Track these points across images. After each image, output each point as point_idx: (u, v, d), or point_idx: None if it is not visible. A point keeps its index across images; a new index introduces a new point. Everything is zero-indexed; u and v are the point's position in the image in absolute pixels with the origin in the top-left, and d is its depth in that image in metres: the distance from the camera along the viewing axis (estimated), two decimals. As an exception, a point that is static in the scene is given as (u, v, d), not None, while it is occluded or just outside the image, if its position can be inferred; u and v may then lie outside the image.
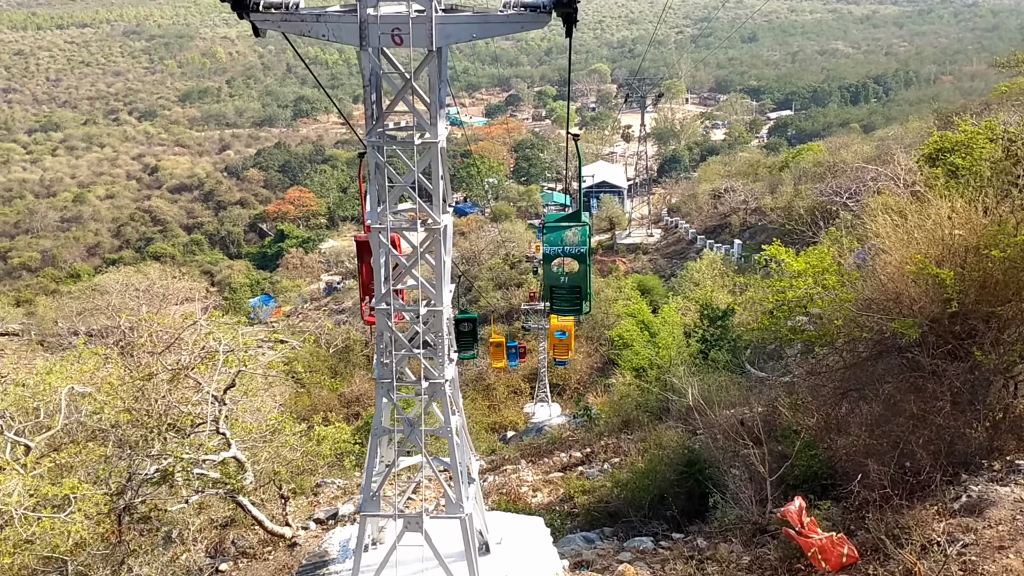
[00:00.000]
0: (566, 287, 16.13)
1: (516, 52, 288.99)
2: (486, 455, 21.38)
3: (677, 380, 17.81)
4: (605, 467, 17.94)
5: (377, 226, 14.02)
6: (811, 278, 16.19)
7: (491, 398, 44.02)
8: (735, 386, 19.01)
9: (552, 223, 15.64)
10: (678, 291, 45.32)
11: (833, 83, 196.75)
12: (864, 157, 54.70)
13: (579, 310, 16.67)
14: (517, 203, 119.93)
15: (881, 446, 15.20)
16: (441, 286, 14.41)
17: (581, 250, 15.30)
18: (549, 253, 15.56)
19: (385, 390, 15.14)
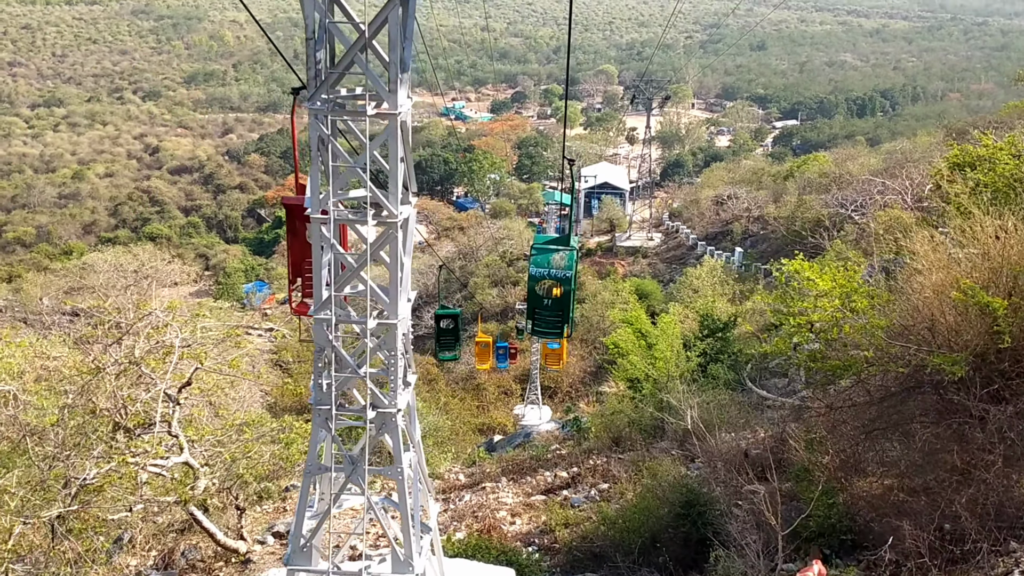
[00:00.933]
0: (549, 310, 15.45)
1: (524, 49, 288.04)
2: (466, 466, 20.25)
3: (675, 400, 16.38)
4: (592, 493, 16.38)
5: (318, 216, 11.85)
6: (838, 299, 14.06)
7: (481, 398, 43.14)
8: (736, 406, 18.00)
9: (540, 245, 15.12)
10: (677, 297, 44.55)
11: (840, 95, 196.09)
12: (871, 170, 54.00)
13: (559, 333, 15.97)
14: (518, 200, 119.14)
15: (917, 502, 13.26)
16: (397, 294, 12.23)
17: (567, 274, 14.82)
18: (535, 275, 15.02)
19: (323, 419, 12.54)
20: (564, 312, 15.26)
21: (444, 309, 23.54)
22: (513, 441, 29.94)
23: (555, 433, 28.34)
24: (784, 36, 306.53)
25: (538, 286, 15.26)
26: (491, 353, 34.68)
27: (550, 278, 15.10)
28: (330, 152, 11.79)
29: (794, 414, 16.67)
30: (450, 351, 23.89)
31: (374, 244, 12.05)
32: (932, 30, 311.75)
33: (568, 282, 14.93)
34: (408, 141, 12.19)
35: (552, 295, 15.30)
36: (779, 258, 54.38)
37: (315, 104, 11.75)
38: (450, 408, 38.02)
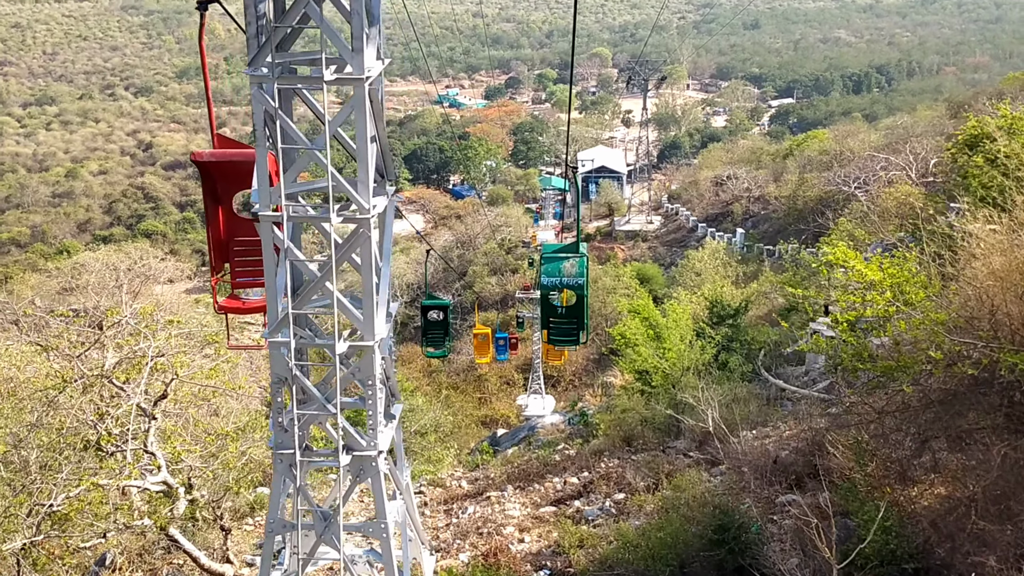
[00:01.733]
0: (563, 318, 15.06)
1: (517, 34, 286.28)
2: (469, 469, 19.28)
3: (692, 398, 15.06)
4: (607, 504, 15.14)
5: (267, 213, 9.59)
6: (889, 291, 12.20)
7: (483, 389, 42.35)
8: (755, 400, 17.08)
9: (550, 254, 14.63)
10: (679, 281, 43.76)
11: (835, 72, 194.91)
12: (873, 146, 53.23)
13: (575, 341, 15.50)
14: (515, 187, 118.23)
15: (1002, 532, 11.21)
16: (372, 308, 9.89)
17: (579, 281, 14.36)
18: (547, 284, 14.53)
19: (286, 466, 10.19)
20: (579, 319, 14.92)
21: (432, 299, 21.95)
22: (517, 435, 29.16)
23: (560, 427, 27.55)
24: (778, 14, 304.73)
25: (551, 295, 14.87)
26: (490, 345, 32.89)
27: (563, 287, 14.60)
28: (279, 130, 9.36)
29: (820, 408, 15.32)
30: (439, 347, 22.26)
31: (342, 247, 9.93)
32: (926, 4, 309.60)
33: (581, 289, 14.52)
34: (381, 115, 10.05)
35: (565, 304, 14.89)
36: (782, 238, 53.80)
37: (257, 69, 9.19)
38: (452, 401, 37.32)
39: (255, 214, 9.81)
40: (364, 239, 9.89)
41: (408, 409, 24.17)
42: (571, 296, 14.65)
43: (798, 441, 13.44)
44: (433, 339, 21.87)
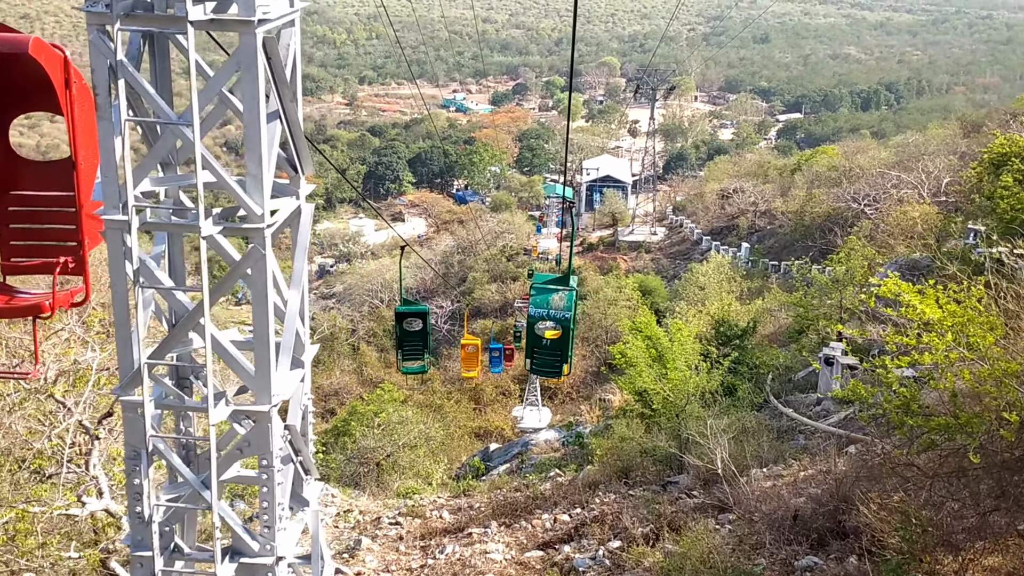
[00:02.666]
0: (547, 349, 14.98)
1: (526, 41, 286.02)
2: (453, 495, 17.99)
3: (699, 435, 13.73)
4: (600, 554, 13.66)
5: (115, 217, 6.64)
6: (950, 334, 10.00)
7: (478, 399, 41.21)
8: (766, 433, 15.86)
9: (540, 284, 14.52)
10: (683, 295, 42.79)
11: (844, 88, 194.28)
12: (883, 163, 52.34)
13: (558, 373, 15.40)
14: (518, 193, 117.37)
15: None
16: (269, 358, 6.99)
17: (566, 315, 14.18)
18: (534, 315, 14.40)
19: (146, 572, 7.12)
20: (563, 352, 14.75)
21: (407, 305, 19.41)
22: (510, 451, 28.11)
23: (555, 444, 26.50)
24: (788, 29, 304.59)
25: (537, 327, 14.70)
26: (479, 358, 30.22)
27: (549, 319, 14.39)
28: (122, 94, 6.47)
29: (837, 446, 14.20)
30: (416, 361, 19.86)
31: (230, 273, 7.08)
32: (937, 23, 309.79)
33: (567, 323, 14.31)
34: (283, 78, 7.05)
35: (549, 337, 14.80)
36: (789, 254, 52.94)
37: (95, 5, 6.40)
38: (445, 411, 36.30)
39: None
40: (256, 259, 6.86)
41: (398, 421, 23.32)
42: (556, 330, 14.50)
43: (817, 487, 12.12)
44: (410, 352, 19.48)
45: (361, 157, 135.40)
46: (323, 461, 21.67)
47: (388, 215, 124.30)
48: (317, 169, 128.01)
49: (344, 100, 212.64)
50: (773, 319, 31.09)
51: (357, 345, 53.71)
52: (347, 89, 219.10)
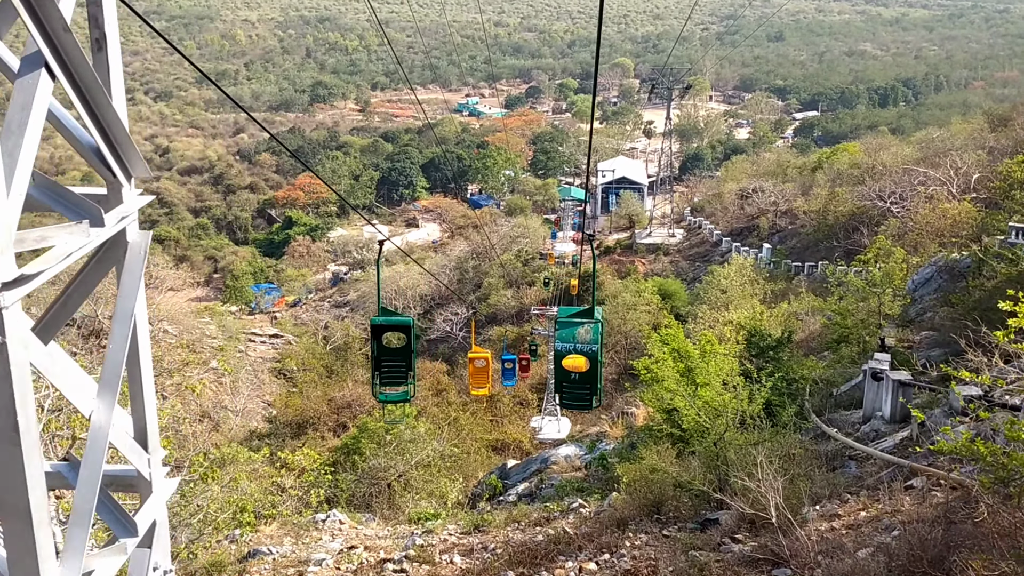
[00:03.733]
0: (576, 383, 14.49)
1: (539, 44, 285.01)
2: (464, 533, 16.35)
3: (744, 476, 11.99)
4: None
5: None
6: None
7: (494, 411, 39.78)
8: (812, 461, 14.24)
9: (565, 319, 14.30)
10: (704, 298, 41.42)
11: (861, 85, 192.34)
12: (907, 159, 50.87)
13: (588, 406, 14.85)
14: (533, 197, 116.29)
15: None
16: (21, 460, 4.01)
17: (593, 348, 14.00)
18: (560, 350, 14.15)
19: None
20: (592, 385, 14.33)
21: (386, 316, 15.66)
22: (529, 467, 26.75)
23: (575, 462, 25.14)
24: (802, 26, 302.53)
25: (564, 361, 14.15)
26: (489, 374, 27.12)
27: (576, 352, 14.02)
28: None
29: (900, 479, 12.59)
30: (398, 385, 16.07)
31: None
32: (953, 18, 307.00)
33: (595, 356, 14.03)
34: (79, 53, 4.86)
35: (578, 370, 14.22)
36: (812, 254, 51.59)
37: None
38: (461, 424, 35.01)
39: None
40: None
41: (409, 440, 22.08)
42: (585, 362, 14.05)
43: (885, 534, 10.46)
44: (390, 375, 15.70)
45: (374, 163, 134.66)
46: (331, 482, 20.50)
47: (402, 221, 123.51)
48: (330, 176, 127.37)
49: (357, 106, 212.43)
50: (801, 324, 29.74)
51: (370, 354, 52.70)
52: (359, 95, 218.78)
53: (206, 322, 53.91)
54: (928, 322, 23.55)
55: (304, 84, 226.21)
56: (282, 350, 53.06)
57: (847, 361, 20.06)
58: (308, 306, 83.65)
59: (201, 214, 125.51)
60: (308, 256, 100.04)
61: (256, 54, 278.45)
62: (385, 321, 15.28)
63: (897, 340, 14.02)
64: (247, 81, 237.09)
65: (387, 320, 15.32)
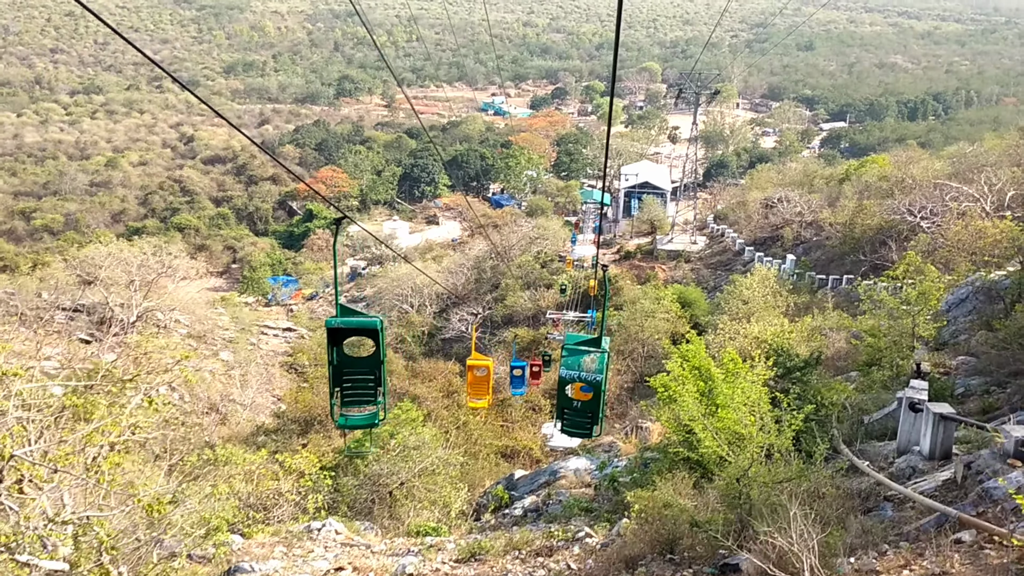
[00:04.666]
0: (578, 411, 14.57)
1: (567, 45, 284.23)
2: (460, 561, 15.36)
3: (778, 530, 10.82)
4: None
5: None
6: None
7: (505, 416, 38.91)
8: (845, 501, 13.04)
9: (572, 346, 14.05)
10: (724, 308, 40.43)
11: (890, 97, 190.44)
12: (938, 174, 49.66)
13: (588, 434, 14.81)
14: (555, 198, 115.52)
15: None
16: None
17: (597, 378, 13.85)
18: (565, 377, 13.99)
19: None
20: (594, 414, 14.35)
21: (347, 316, 12.25)
22: (537, 479, 25.83)
23: (585, 478, 24.17)
24: (833, 36, 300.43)
25: (568, 388, 14.11)
26: (489, 384, 24.20)
27: (580, 381, 13.80)
28: None
29: (946, 531, 11.30)
30: (364, 406, 12.77)
31: None
32: (985, 33, 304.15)
33: (598, 386, 13.93)
34: None
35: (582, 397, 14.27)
36: (837, 268, 50.48)
37: None
38: (470, 429, 34.14)
39: None
40: None
41: (413, 446, 21.23)
42: (587, 392, 14.07)
43: None
44: (353, 393, 12.44)
45: (397, 159, 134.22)
46: (332, 487, 19.73)
47: (423, 218, 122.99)
48: (352, 170, 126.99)
49: (383, 102, 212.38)
50: (825, 340, 28.72)
51: (385, 350, 51.90)
52: (386, 91, 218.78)
53: (219, 313, 53.43)
54: (964, 346, 22.51)
55: (331, 78, 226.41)
56: (295, 344, 52.43)
57: (879, 386, 18.91)
58: (325, 300, 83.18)
59: (222, 204, 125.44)
60: (327, 250, 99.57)
61: (284, 46, 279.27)
62: (345, 323, 12.01)
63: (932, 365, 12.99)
64: (274, 73, 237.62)
65: (347, 322, 12.02)
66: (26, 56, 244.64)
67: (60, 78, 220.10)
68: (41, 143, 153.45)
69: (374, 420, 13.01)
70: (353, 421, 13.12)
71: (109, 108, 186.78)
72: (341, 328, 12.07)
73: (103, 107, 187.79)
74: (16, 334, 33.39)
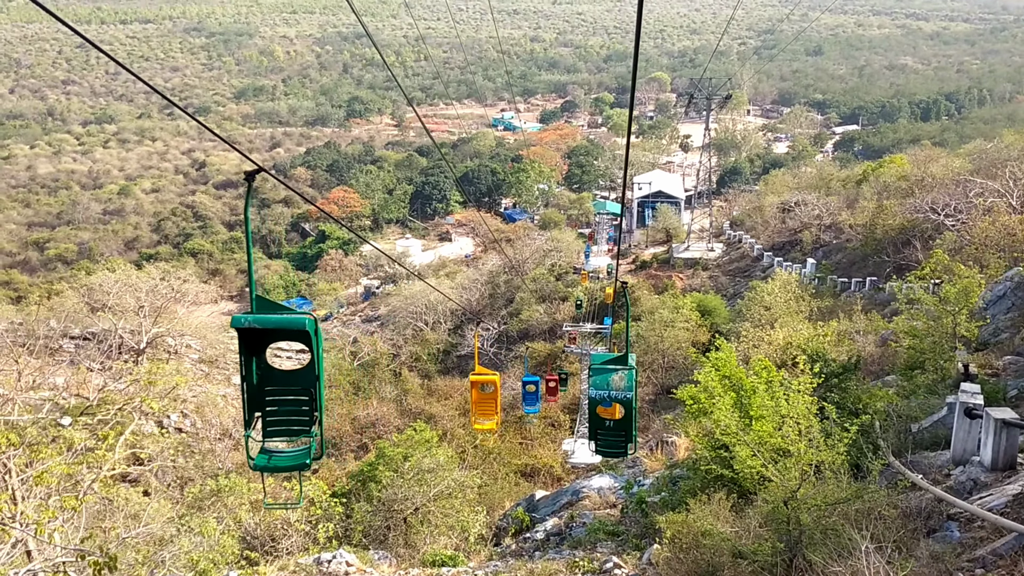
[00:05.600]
0: (611, 431, 14.14)
1: (574, 59, 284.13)
2: (483, 562, 14.34)
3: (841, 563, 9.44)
4: None
5: None
6: None
7: (524, 433, 37.74)
8: (905, 522, 11.65)
9: (598, 365, 13.85)
10: (746, 315, 39.31)
11: (902, 98, 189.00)
12: (959, 171, 48.45)
13: (623, 453, 14.41)
14: (568, 211, 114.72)
15: None
16: None
17: (628, 395, 13.58)
18: (595, 397, 13.73)
19: None
20: (627, 432, 13.98)
21: (265, 311, 8.52)
22: (558, 500, 24.61)
23: (610, 498, 22.92)
24: (841, 40, 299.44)
25: (599, 408, 13.71)
26: (497, 402, 21.61)
27: (611, 399, 13.47)
28: None
29: None
30: (292, 438, 9.36)
31: None
32: (995, 32, 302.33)
33: (629, 403, 13.65)
34: None
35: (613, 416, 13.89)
36: (858, 270, 49.25)
37: None
38: (488, 448, 33.04)
39: None
40: None
41: (428, 469, 20.10)
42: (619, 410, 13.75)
43: None
44: (277, 421, 9.10)
45: (408, 177, 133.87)
46: (342, 514, 18.71)
47: (435, 235, 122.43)
48: (364, 190, 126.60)
49: (392, 121, 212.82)
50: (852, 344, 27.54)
51: (399, 371, 50.97)
52: (395, 110, 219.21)
53: (231, 336, 52.68)
54: (1008, 345, 21.31)
55: (340, 99, 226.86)
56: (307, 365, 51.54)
57: (923, 390, 17.64)
58: (338, 320, 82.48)
59: (236, 228, 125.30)
60: (340, 270, 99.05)
61: (294, 70, 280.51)
62: (260, 322, 8.38)
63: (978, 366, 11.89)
64: (284, 96, 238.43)
65: (264, 320, 8.39)
66: (38, 88, 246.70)
67: (72, 109, 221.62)
68: (54, 173, 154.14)
69: (305, 459, 9.17)
70: (278, 461, 9.23)
71: (121, 137, 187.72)
72: (256, 329, 8.50)
73: (115, 136, 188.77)
74: (24, 364, 32.74)
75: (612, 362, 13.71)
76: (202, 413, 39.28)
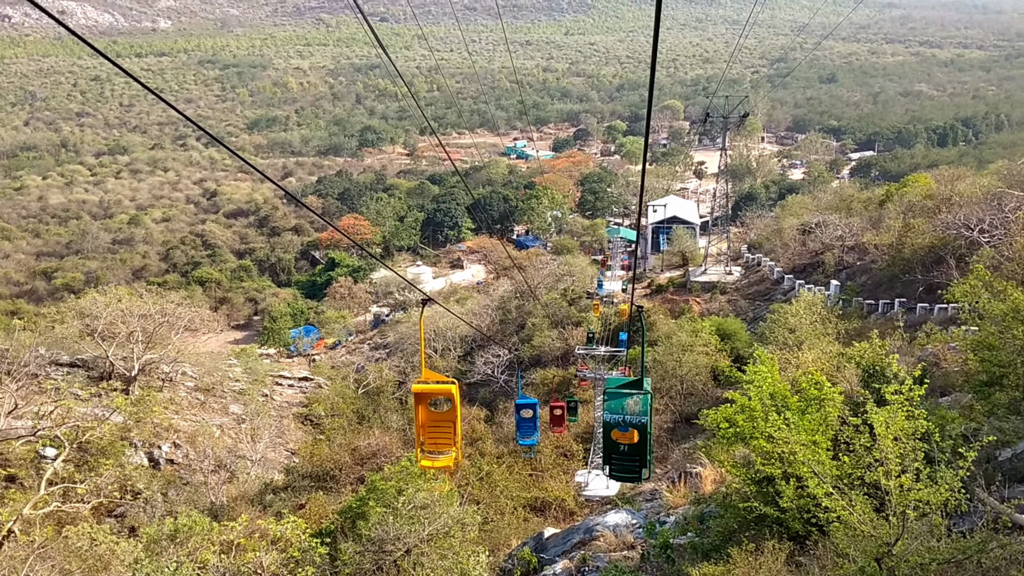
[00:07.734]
0: (625, 455, 14.09)
1: (587, 88, 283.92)
2: None
3: None
4: None
5: None
6: None
7: (534, 464, 35.39)
8: None
9: (613, 389, 13.91)
10: (768, 338, 37.12)
11: (919, 125, 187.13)
12: (988, 187, 46.26)
13: (637, 478, 14.56)
14: (581, 237, 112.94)
15: None
16: None
17: (642, 420, 13.65)
18: (609, 421, 13.79)
19: None
20: (642, 457, 13.99)
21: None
22: (569, 539, 22.24)
23: (627, 537, 20.58)
24: (855, 68, 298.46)
25: (613, 433, 13.95)
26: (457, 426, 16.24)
27: (625, 424, 13.71)
28: None
29: None
30: None
31: None
32: (1010, 58, 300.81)
33: (644, 428, 13.71)
34: None
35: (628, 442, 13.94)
36: (885, 292, 47.06)
37: None
38: (494, 479, 30.76)
39: None
40: None
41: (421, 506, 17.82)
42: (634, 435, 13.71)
43: None
44: None
45: (420, 205, 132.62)
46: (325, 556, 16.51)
47: (447, 262, 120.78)
48: (374, 218, 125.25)
49: (405, 151, 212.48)
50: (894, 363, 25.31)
51: (405, 399, 48.88)
52: (407, 140, 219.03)
53: (231, 364, 50.81)
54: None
55: (353, 129, 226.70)
56: (311, 394, 49.52)
57: (1004, 411, 15.19)
58: (347, 348, 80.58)
59: (245, 256, 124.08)
60: (350, 297, 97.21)
61: (307, 100, 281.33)
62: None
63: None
64: (297, 127, 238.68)
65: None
66: (53, 120, 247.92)
67: (86, 140, 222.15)
68: (65, 204, 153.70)
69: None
70: None
71: (133, 167, 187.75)
72: None
73: (127, 167, 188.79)
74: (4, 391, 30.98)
75: (627, 386, 13.70)
76: (195, 443, 37.29)
